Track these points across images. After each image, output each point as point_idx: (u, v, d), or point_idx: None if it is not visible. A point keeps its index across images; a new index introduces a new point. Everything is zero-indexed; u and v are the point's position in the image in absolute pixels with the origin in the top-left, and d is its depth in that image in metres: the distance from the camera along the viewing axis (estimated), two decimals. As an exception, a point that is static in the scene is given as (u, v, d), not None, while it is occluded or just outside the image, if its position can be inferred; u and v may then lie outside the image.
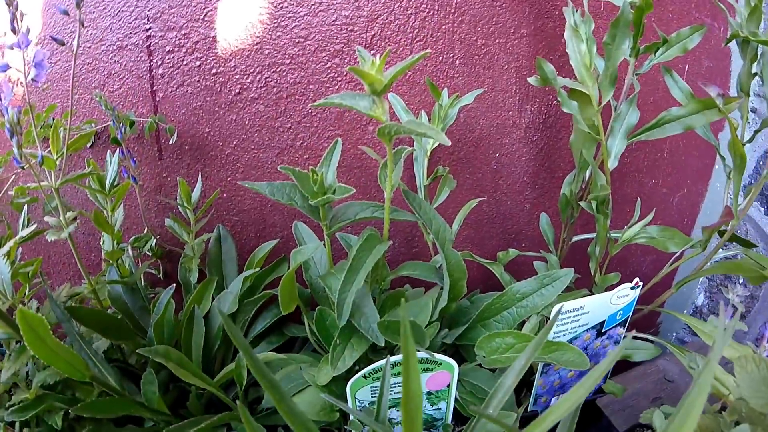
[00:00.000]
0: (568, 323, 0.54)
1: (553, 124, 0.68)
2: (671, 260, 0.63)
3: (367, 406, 0.53)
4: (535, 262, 0.62)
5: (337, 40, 0.61)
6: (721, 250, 0.68)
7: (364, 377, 0.49)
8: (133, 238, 0.60)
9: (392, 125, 0.41)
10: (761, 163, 0.92)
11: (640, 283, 0.56)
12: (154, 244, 0.62)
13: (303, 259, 0.49)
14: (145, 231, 0.62)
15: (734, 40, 0.57)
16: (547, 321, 0.52)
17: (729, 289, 0.52)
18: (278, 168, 0.48)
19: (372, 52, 0.62)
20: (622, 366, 0.70)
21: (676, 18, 0.76)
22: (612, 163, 0.50)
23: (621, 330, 0.59)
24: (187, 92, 0.62)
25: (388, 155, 0.46)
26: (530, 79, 0.54)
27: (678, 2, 0.75)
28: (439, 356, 0.50)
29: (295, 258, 0.51)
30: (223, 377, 0.53)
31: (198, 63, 0.61)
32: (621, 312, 0.58)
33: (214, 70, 0.61)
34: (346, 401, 0.50)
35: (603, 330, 0.58)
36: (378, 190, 0.67)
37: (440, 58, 0.63)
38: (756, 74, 0.58)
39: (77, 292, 0.54)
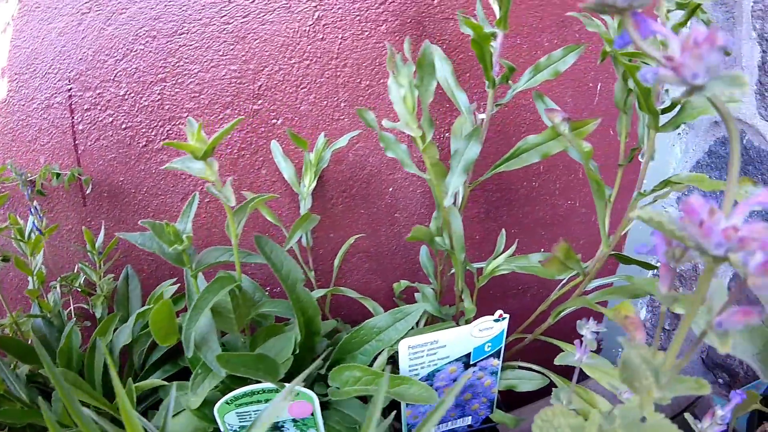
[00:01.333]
0: (423, 356, 0.56)
1: (444, 156, 0.70)
2: (558, 287, 0.63)
3: (237, 429, 0.58)
4: (416, 294, 0.64)
5: (227, 93, 0.67)
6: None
7: (227, 403, 0.54)
8: (60, 277, 0.69)
9: (210, 187, 0.46)
10: (694, 173, 0.89)
11: (505, 315, 0.58)
12: (82, 282, 0.70)
13: (168, 296, 0.55)
14: (76, 270, 0.71)
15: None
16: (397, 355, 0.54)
17: (581, 325, 0.52)
18: (139, 222, 0.55)
19: (260, 102, 0.67)
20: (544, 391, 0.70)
21: (585, 38, 0.75)
22: (448, 201, 0.52)
23: (495, 361, 0.60)
24: (103, 145, 0.69)
25: (226, 209, 0.51)
26: (384, 123, 0.57)
27: (586, 23, 0.74)
28: (293, 387, 0.54)
29: (166, 294, 0.57)
30: (116, 403, 0.60)
31: (110, 119, 0.69)
32: (490, 344, 0.59)
33: (124, 125, 0.68)
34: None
35: (472, 362, 0.59)
36: (259, 231, 0.72)
37: (325, 102, 0.67)
38: (631, 90, 0.58)
39: (1, 324, 0.63)
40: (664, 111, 0.55)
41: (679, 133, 0.85)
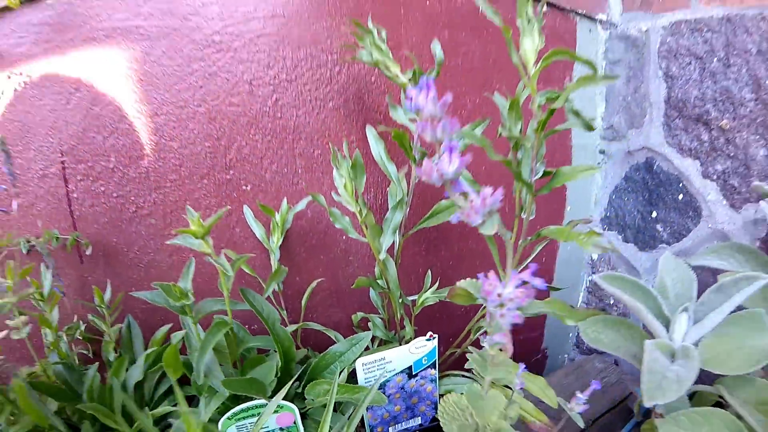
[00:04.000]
0: (375, 370, 0.74)
1: (385, 210, 0.87)
2: (481, 309, 0.82)
3: (237, 441, 0.74)
4: (370, 323, 0.82)
5: (204, 165, 0.80)
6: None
7: (229, 418, 0.70)
8: (66, 327, 0.81)
9: (209, 258, 0.61)
10: (613, 197, 1.08)
11: (435, 336, 0.76)
12: (83, 329, 0.82)
13: (177, 341, 0.70)
14: (75, 320, 0.83)
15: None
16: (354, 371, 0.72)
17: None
18: (152, 284, 0.69)
19: (231, 171, 0.81)
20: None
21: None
22: (382, 255, 0.69)
23: (433, 371, 0.79)
24: (97, 211, 0.81)
25: (220, 272, 0.66)
26: (334, 195, 0.72)
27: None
28: (276, 401, 0.71)
29: (174, 339, 0.72)
30: (137, 427, 0.75)
31: (102, 188, 0.80)
32: (426, 358, 0.77)
33: (115, 194, 0.81)
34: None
35: (414, 373, 0.78)
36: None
37: (285, 170, 0.82)
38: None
39: (33, 371, 0.76)
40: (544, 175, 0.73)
41: (598, 163, 1.04)
